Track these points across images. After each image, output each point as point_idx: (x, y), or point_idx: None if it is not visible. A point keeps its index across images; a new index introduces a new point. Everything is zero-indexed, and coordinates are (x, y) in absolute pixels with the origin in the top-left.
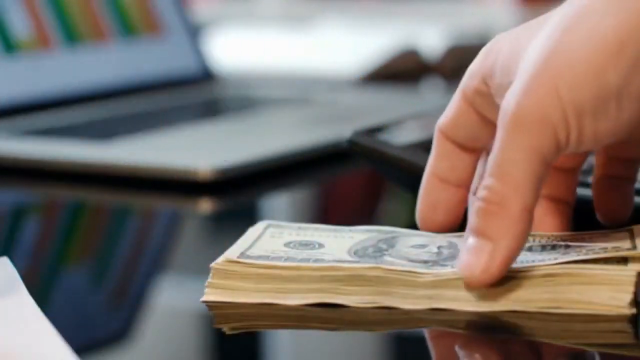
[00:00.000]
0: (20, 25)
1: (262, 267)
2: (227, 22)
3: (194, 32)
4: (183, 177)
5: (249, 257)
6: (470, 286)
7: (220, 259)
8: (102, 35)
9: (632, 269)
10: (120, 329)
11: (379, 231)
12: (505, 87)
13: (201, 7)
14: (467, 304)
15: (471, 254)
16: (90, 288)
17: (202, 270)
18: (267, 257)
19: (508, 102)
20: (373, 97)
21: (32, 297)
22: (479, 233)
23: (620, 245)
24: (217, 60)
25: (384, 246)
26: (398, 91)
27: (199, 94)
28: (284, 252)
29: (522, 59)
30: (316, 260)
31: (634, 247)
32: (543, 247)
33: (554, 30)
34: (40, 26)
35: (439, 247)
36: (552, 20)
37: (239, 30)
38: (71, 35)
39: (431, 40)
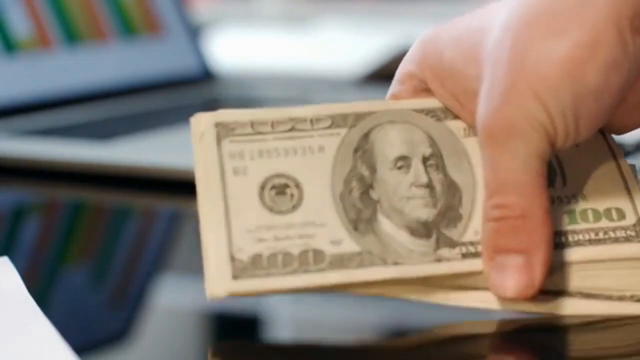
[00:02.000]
0: (20, 25)
1: (265, 291)
2: (227, 22)
3: (194, 32)
4: (183, 177)
5: (241, 265)
6: (515, 301)
7: (216, 289)
8: (102, 35)
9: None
10: (120, 329)
11: (344, 122)
12: (460, 94)
13: (201, 7)
14: (491, 303)
15: (508, 274)
16: (90, 288)
17: (201, 270)
18: (260, 262)
19: (491, 117)
20: (373, 97)
21: (32, 297)
22: (508, 250)
23: (624, 209)
24: (217, 60)
25: (367, 174)
26: None
27: (199, 94)
28: (269, 230)
29: (484, 65)
30: (315, 258)
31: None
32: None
33: (516, 32)
34: (40, 26)
35: (424, 163)
36: (508, 21)
37: (239, 30)
38: (71, 35)
39: None
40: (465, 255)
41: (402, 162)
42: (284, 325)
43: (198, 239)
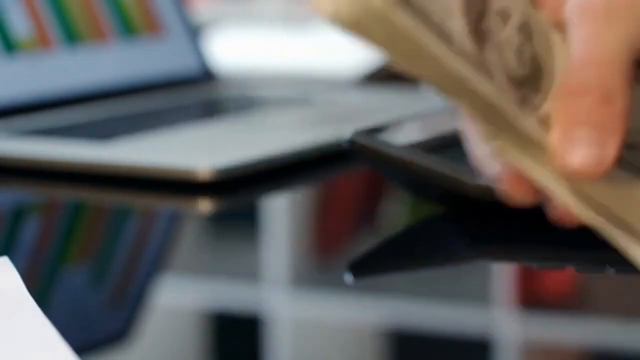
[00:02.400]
0: (20, 25)
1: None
2: (227, 22)
3: (194, 32)
4: (183, 177)
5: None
6: (576, 179)
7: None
8: (102, 35)
9: None
10: (120, 329)
11: None
12: None
13: (201, 7)
14: (552, 184)
15: (579, 145)
16: (90, 288)
17: (201, 270)
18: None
19: None
20: (373, 98)
21: (32, 297)
22: (583, 123)
23: None
24: (217, 60)
25: (481, 4)
26: (398, 91)
27: (199, 94)
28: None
29: None
30: (449, 38)
31: None
32: None
33: None
34: (40, 26)
35: (518, 30)
36: None
37: (239, 30)
38: (71, 35)
39: None
40: (540, 123)
41: (502, 15)
42: (284, 325)
43: (198, 239)
